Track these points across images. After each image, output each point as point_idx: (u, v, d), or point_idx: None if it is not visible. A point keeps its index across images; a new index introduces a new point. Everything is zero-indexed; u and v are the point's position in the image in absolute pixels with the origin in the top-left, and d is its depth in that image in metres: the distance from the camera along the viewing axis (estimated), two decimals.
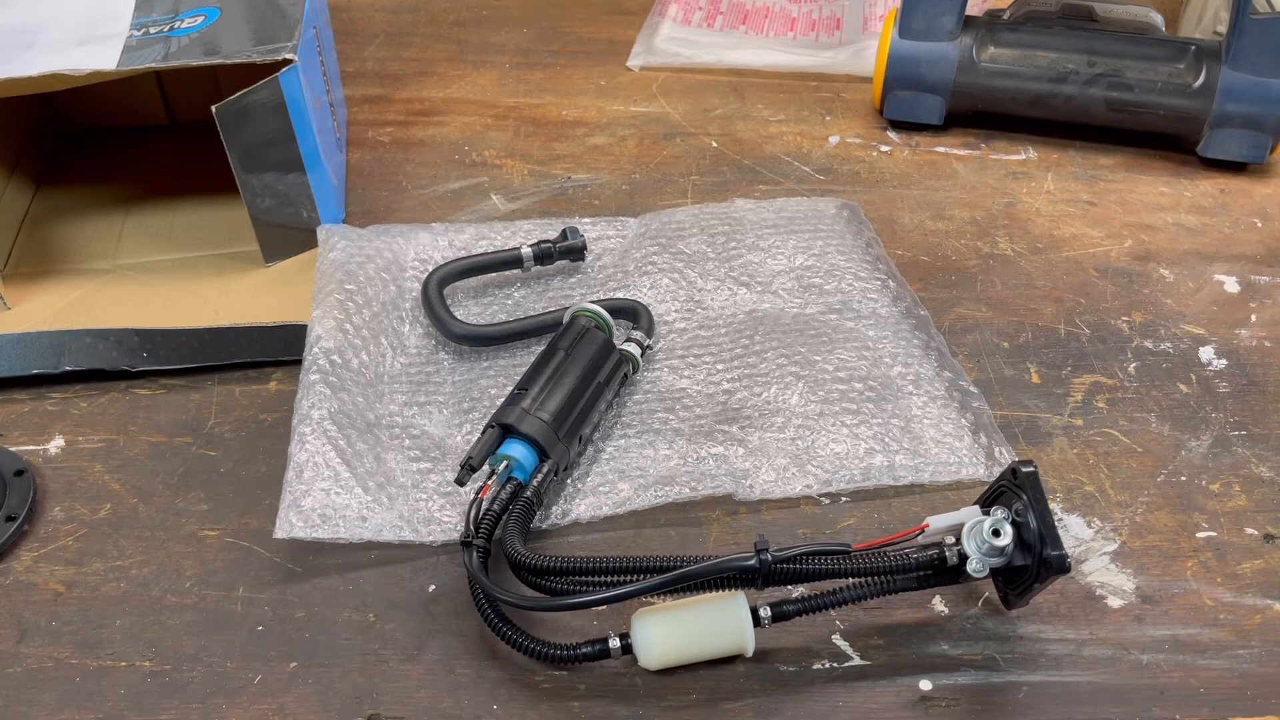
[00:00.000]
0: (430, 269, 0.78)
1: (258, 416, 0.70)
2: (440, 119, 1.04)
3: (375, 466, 0.65)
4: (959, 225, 0.91)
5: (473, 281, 0.80)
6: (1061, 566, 0.51)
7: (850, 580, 0.55)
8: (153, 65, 0.73)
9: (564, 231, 0.81)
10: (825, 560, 0.54)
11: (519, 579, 0.56)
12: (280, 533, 0.60)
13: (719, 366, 0.73)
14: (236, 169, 0.75)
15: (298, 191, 0.79)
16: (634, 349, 0.70)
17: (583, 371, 0.65)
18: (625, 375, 0.69)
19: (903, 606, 0.58)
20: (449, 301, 0.77)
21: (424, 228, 0.84)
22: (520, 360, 0.73)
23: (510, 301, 0.79)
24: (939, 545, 0.54)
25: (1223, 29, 1.06)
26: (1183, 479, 0.67)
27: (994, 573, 0.55)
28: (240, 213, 0.78)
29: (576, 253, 0.80)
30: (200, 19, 0.79)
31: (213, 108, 0.72)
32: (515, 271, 0.80)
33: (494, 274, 0.80)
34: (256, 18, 0.79)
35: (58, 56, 0.73)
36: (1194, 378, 0.75)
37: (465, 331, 0.74)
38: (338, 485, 0.63)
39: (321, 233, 0.81)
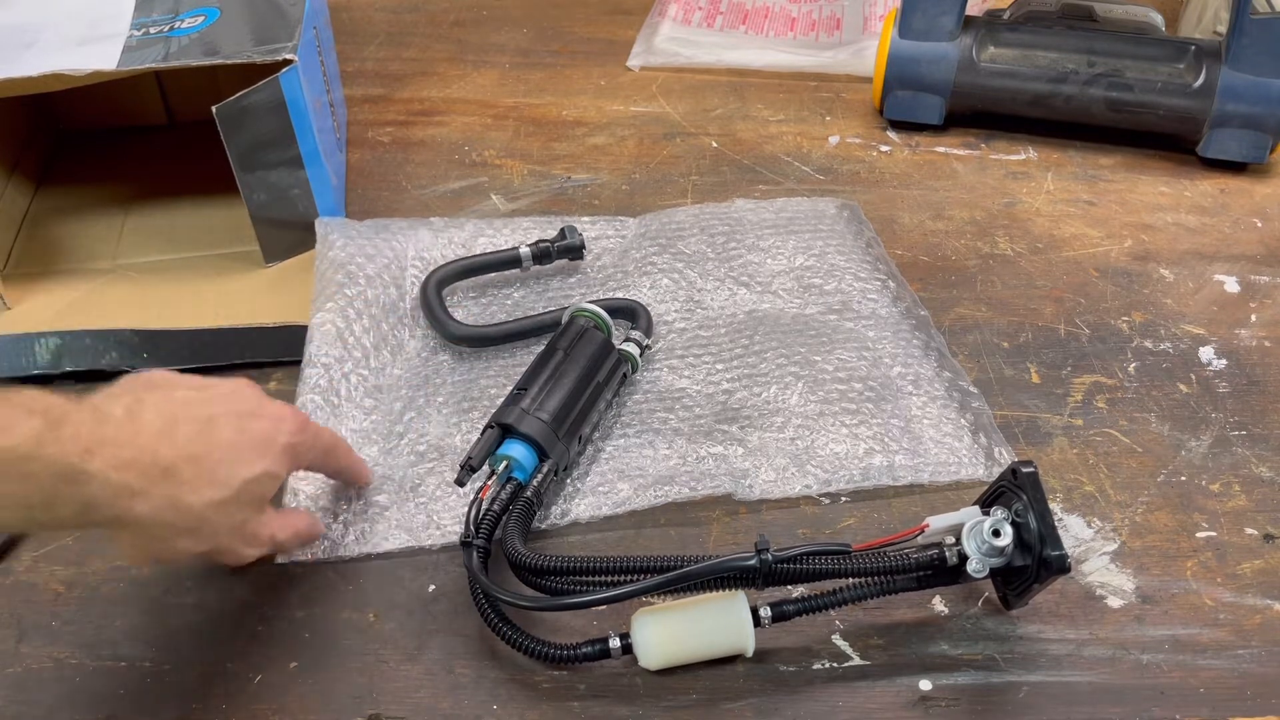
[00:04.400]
0: (430, 268, 0.78)
1: None
2: (440, 119, 1.04)
3: (375, 472, 0.65)
4: (959, 225, 0.91)
5: (472, 281, 0.80)
6: (1061, 567, 0.51)
7: (850, 580, 0.55)
8: (153, 65, 0.73)
9: (562, 230, 0.81)
10: (825, 560, 0.54)
11: (519, 579, 0.56)
12: (283, 558, 0.59)
13: (719, 366, 0.73)
14: (236, 169, 0.75)
15: (298, 191, 0.79)
16: (633, 349, 0.70)
17: (582, 371, 0.65)
18: (624, 375, 0.69)
19: (903, 606, 0.58)
20: (448, 300, 0.77)
21: (423, 223, 0.84)
22: (519, 360, 0.73)
23: (509, 301, 0.79)
24: (939, 545, 0.54)
25: (1223, 29, 1.06)
26: (1183, 479, 0.67)
27: (994, 573, 0.55)
28: (240, 213, 0.78)
29: (575, 252, 0.80)
30: (200, 19, 0.79)
31: (213, 108, 0.72)
32: (514, 271, 0.80)
33: (493, 274, 0.80)
34: (256, 18, 0.79)
35: (58, 56, 0.73)
36: (1194, 378, 0.75)
37: (464, 333, 0.74)
38: (336, 497, 0.63)
39: (320, 226, 0.80)
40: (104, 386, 0.47)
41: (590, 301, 0.73)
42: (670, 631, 0.54)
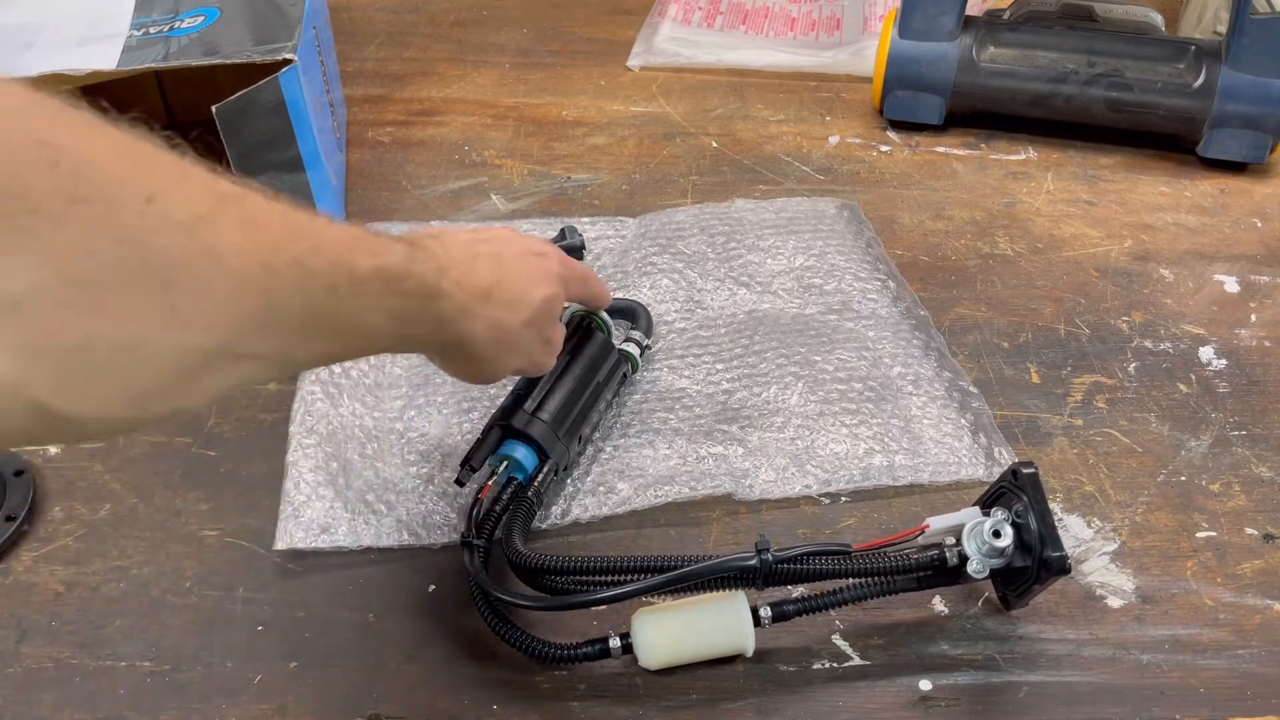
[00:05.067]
0: None
1: (257, 416, 0.70)
2: (440, 119, 1.04)
3: (375, 471, 0.65)
4: (959, 225, 0.91)
5: None
6: (1062, 568, 0.51)
7: (850, 580, 0.55)
8: (153, 65, 0.73)
9: (562, 231, 0.81)
10: (825, 560, 0.54)
11: (519, 579, 0.56)
12: (280, 544, 0.60)
13: (719, 366, 0.73)
14: (236, 169, 0.75)
15: (298, 191, 0.79)
16: (633, 349, 0.70)
17: (582, 372, 0.65)
18: (624, 375, 0.69)
19: (903, 606, 0.58)
20: None
21: (423, 226, 0.84)
22: None
23: None
24: (939, 546, 0.54)
25: (1223, 29, 1.06)
26: (1183, 479, 0.67)
27: (994, 573, 0.55)
28: None
29: (575, 252, 0.80)
30: (200, 19, 0.79)
31: (213, 108, 0.72)
32: None
33: None
34: (256, 18, 0.79)
35: (58, 56, 0.73)
36: (1194, 378, 0.75)
37: None
38: (336, 493, 0.63)
39: None
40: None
41: None
42: (670, 631, 0.53)
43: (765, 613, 0.54)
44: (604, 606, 0.57)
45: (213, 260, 0.34)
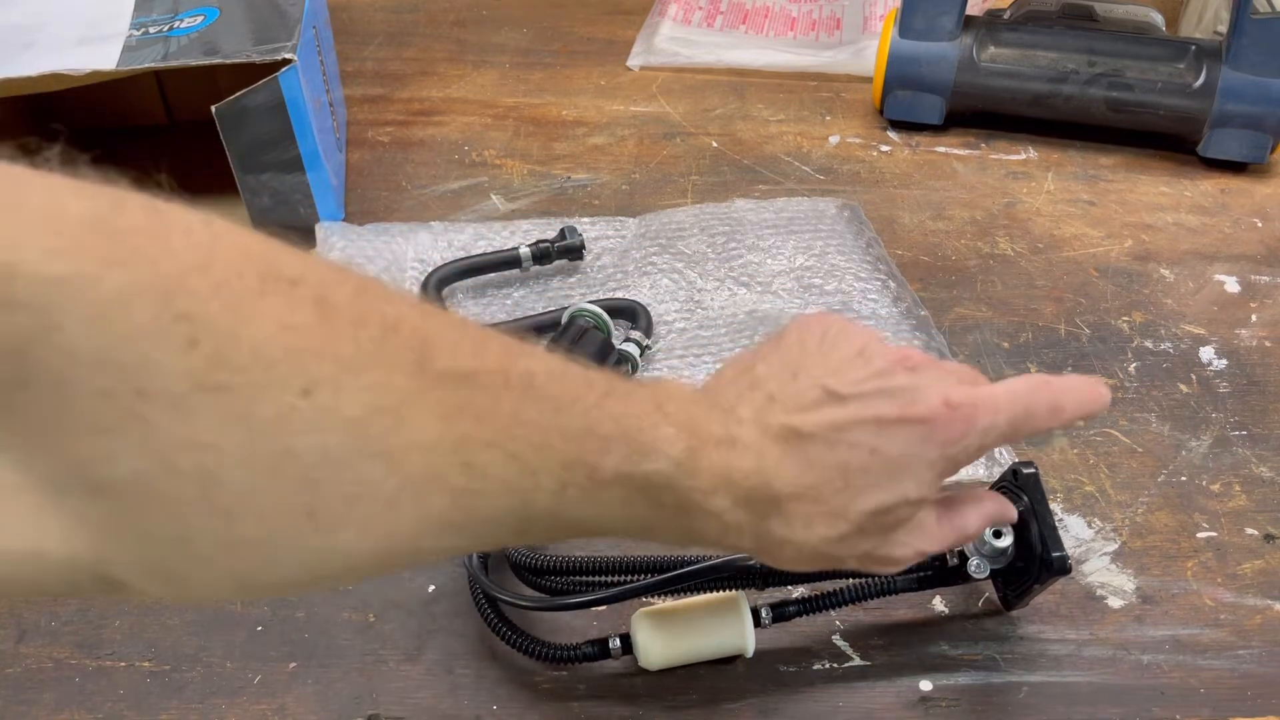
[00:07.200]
0: (430, 269, 0.78)
1: None
2: (440, 119, 1.04)
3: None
4: (959, 225, 0.91)
5: (472, 281, 0.80)
6: (1062, 568, 0.51)
7: (850, 580, 0.55)
8: (152, 65, 0.73)
9: (562, 231, 0.81)
10: None
11: (519, 579, 0.56)
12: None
13: (719, 366, 0.73)
14: (236, 169, 0.75)
15: (297, 192, 0.79)
16: (633, 349, 0.70)
17: None
18: (624, 375, 0.69)
19: (903, 606, 0.58)
20: (448, 301, 0.77)
21: (423, 227, 0.84)
22: None
23: (509, 301, 0.79)
24: None
25: (1223, 29, 1.06)
26: (1183, 479, 0.67)
27: (994, 574, 0.55)
28: (240, 213, 0.78)
29: (575, 252, 0.80)
30: (200, 19, 0.79)
31: (213, 108, 0.72)
32: (514, 271, 0.80)
33: (493, 274, 0.80)
34: (256, 18, 0.79)
35: (58, 56, 0.73)
36: (1194, 378, 0.75)
37: None
38: None
39: (320, 230, 0.80)
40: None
41: (590, 301, 0.73)
42: (670, 631, 0.53)
43: (765, 613, 0.54)
44: (604, 606, 0.57)
45: (380, 463, 0.29)
